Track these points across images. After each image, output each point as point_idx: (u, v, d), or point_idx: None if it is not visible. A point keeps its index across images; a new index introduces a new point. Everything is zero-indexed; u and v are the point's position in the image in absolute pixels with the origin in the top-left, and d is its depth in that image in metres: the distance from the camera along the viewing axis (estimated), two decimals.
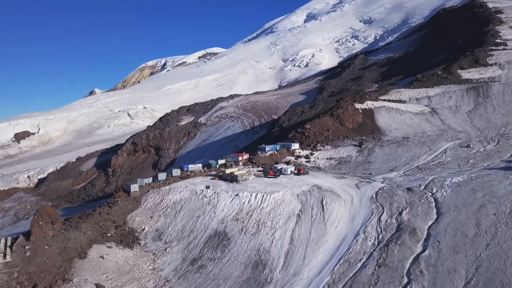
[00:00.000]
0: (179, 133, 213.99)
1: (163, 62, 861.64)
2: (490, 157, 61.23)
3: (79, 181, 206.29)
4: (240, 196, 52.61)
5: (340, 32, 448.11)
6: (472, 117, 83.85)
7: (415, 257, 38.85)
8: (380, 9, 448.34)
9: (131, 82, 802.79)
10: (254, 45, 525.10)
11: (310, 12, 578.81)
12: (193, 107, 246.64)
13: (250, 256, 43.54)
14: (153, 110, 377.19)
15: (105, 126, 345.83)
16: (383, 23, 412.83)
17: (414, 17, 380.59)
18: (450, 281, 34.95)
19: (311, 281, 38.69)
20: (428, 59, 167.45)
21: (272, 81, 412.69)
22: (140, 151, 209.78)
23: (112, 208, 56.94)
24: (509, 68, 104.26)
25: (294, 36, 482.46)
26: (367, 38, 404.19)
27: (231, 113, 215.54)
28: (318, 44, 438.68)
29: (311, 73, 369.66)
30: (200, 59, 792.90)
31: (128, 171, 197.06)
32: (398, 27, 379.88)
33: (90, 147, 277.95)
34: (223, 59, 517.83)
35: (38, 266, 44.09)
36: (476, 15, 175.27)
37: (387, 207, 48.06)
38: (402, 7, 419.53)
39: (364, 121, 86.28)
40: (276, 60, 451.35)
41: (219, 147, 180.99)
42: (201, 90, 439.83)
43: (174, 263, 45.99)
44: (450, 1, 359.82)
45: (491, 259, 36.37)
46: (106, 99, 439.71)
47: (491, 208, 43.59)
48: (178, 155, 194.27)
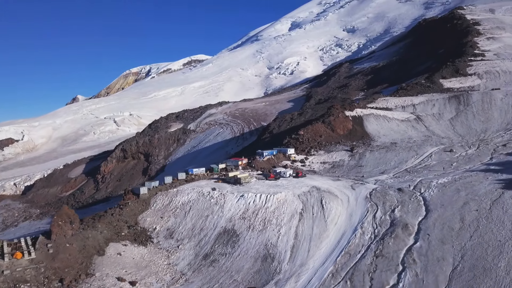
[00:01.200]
0: (169, 139, 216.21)
1: (148, 69, 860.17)
2: (471, 160, 66.95)
3: (68, 188, 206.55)
4: (246, 196, 56.93)
5: (324, 41, 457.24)
6: (454, 124, 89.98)
7: (408, 248, 43.77)
8: (363, 18, 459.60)
9: (115, 89, 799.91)
10: (240, 52, 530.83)
11: (295, 21, 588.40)
12: (182, 114, 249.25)
13: (259, 250, 47.85)
14: (139, 117, 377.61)
15: (91, 133, 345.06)
16: (366, 32, 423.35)
17: (396, 27, 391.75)
18: (439, 268, 39.89)
19: (317, 270, 43.22)
20: (411, 68, 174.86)
21: (258, 88, 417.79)
22: (130, 157, 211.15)
23: (124, 209, 60.51)
24: (487, 78, 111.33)
25: (279, 44, 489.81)
26: (351, 46, 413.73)
27: (220, 120, 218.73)
28: (303, 52, 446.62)
29: (296, 81, 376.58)
30: (185, 66, 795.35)
31: (118, 178, 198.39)
32: (381, 36, 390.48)
33: (76, 154, 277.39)
34: (209, 66, 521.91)
35: (62, 262, 47.49)
36: (456, 27, 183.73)
37: (380, 205, 53.04)
38: (384, 16, 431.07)
39: (354, 127, 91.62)
40: (262, 67, 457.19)
41: (210, 153, 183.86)
42: (187, 97, 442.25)
43: (187, 258, 49.93)
44: (430, 12, 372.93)
45: (474, 248, 41.51)
46: (91, 106, 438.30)
47: (473, 205, 48.93)
48: (168, 162, 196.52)
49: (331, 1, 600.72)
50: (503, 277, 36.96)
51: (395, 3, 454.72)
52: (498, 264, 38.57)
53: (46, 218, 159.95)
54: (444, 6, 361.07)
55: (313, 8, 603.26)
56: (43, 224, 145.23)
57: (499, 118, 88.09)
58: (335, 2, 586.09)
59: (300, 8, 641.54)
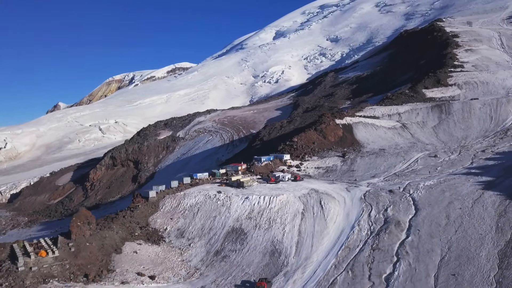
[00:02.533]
0: (158, 147, 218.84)
1: (131, 76, 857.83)
2: (454, 165, 73.17)
3: (56, 196, 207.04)
4: (250, 198, 61.70)
5: (308, 50, 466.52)
6: (437, 131, 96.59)
7: (401, 242, 49.18)
8: (346, 28, 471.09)
9: (98, 96, 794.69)
10: (225, 61, 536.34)
11: (279, 30, 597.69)
12: (170, 122, 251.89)
13: (267, 246, 52.62)
14: (125, 125, 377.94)
15: (76, 140, 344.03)
16: (349, 42, 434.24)
17: (378, 37, 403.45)
18: (429, 258, 45.35)
19: (320, 263, 48.20)
20: (394, 78, 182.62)
21: (243, 96, 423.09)
22: (119, 165, 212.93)
23: (134, 212, 64.50)
24: (466, 88, 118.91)
25: (264, 53, 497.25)
26: (334, 55, 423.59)
27: (209, 127, 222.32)
28: (287, 61, 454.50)
29: (281, 89, 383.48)
30: (169, 74, 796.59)
31: (107, 185, 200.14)
32: (363, 46, 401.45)
33: (62, 162, 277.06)
34: (194, 74, 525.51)
35: (84, 259, 51.37)
36: (436, 38, 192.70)
37: (374, 205, 58.49)
38: (366, 27, 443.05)
39: (345, 135, 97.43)
40: (247, 76, 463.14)
41: (200, 160, 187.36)
42: (173, 104, 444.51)
43: (199, 255, 54.31)
44: (411, 23, 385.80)
45: (459, 241, 47.15)
46: (76, 113, 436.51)
47: (457, 204, 54.79)
48: (157, 169, 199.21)
49: (314, 11, 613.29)
50: (484, 264, 42.61)
51: (377, 13, 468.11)
52: (480, 254, 44.24)
53: (35, 225, 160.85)
54: (424, 18, 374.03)
55: (297, 18, 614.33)
56: (33, 232, 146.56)
57: (478, 126, 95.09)
58: (318, 12, 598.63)
59: (284, 17, 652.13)
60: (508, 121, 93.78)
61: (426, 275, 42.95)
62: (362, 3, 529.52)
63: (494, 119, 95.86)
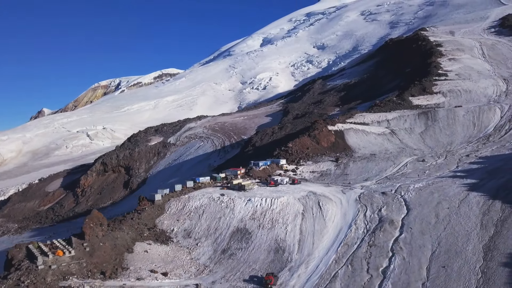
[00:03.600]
0: (149, 153, 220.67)
1: (117, 82, 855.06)
2: (441, 168, 78.23)
3: (46, 202, 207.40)
4: (253, 200, 65.57)
5: (295, 57, 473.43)
6: (424, 137, 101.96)
7: (395, 239, 53.61)
8: (332, 36, 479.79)
9: (83, 102, 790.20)
10: (213, 67, 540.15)
11: (266, 37, 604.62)
12: (160, 128, 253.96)
13: (271, 244, 56.52)
14: (113, 131, 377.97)
15: (63, 147, 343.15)
16: (336, 49, 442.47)
17: (364, 45, 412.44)
18: (421, 253, 49.85)
19: (322, 258, 52.30)
20: (381, 85, 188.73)
21: (231, 102, 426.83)
22: (110, 171, 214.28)
23: (142, 214, 67.75)
24: (450, 96, 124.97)
25: (251, 60, 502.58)
26: (321, 63, 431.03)
27: (200, 133, 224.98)
28: (275, 67, 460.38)
29: (269, 96, 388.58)
30: (156, 80, 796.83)
31: (99, 191, 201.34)
32: (349, 53, 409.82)
33: (50, 168, 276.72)
34: (182, 81, 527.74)
35: (99, 258, 54.52)
36: (420, 47, 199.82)
37: (369, 206, 62.93)
38: (352, 34, 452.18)
39: (337, 140, 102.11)
40: (235, 82, 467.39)
41: (192, 165, 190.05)
42: (161, 110, 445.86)
43: (207, 253, 57.87)
44: (395, 31, 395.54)
45: (448, 237, 51.78)
46: (63, 120, 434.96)
47: (445, 204, 59.57)
48: (149, 175, 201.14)
49: (301, 18, 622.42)
50: (470, 257, 47.27)
51: (363, 22, 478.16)
52: (467, 248, 48.91)
53: (25, 232, 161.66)
54: (408, 26, 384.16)
55: (284, 25, 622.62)
56: (25, 238, 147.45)
57: (462, 132, 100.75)
58: (305, 19, 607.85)
59: (271, 25, 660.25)
60: (489, 128, 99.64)
61: (419, 267, 47.36)
62: (348, 11, 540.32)
63: (477, 125, 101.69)
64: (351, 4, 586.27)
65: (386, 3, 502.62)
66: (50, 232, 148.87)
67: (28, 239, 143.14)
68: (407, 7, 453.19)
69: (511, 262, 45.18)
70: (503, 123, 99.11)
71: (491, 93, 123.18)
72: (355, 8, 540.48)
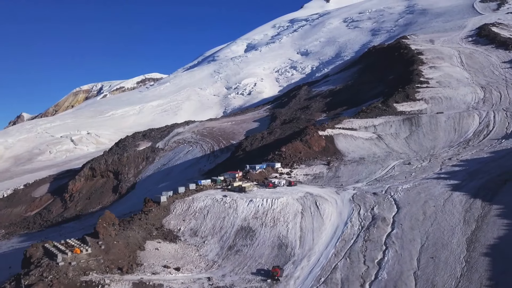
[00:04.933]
0: (138, 158, 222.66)
1: (99, 86, 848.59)
2: (425, 171, 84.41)
3: (33, 207, 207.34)
4: (254, 201, 70.29)
5: (279, 63, 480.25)
6: (408, 142, 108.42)
7: (387, 234, 59.10)
8: (316, 42, 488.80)
9: (64, 107, 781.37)
10: (197, 72, 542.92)
11: (250, 43, 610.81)
12: (148, 133, 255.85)
13: (274, 241, 61.32)
14: (97, 136, 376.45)
15: (47, 152, 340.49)
16: (319, 56, 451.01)
17: (346, 51, 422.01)
18: (412, 246, 55.44)
19: (322, 253, 57.38)
20: (365, 92, 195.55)
21: (217, 107, 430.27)
22: (99, 176, 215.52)
23: (149, 215, 71.68)
24: (432, 103, 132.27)
25: (236, 65, 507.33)
26: (305, 69, 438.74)
27: (188, 138, 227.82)
28: (259, 73, 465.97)
29: (254, 101, 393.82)
30: (139, 84, 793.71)
31: (87, 196, 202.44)
32: (333, 60, 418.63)
33: (34, 174, 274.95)
34: (166, 85, 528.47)
35: (114, 255, 58.38)
36: (402, 55, 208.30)
37: (362, 205, 68.40)
38: (335, 41, 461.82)
39: (327, 145, 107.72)
40: (220, 87, 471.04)
41: (182, 170, 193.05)
42: (146, 115, 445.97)
43: (214, 250, 62.28)
44: (377, 38, 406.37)
45: (435, 231, 57.51)
46: (46, 124, 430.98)
47: (431, 203, 65.47)
48: (138, 179, 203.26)
49: (284, 24, 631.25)
50: (455, 248, 53.07)
51: (345, 29, 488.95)
52: (452, 241, 54.68)
53: (14, 237, 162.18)
54: (389, 34, 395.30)
55: (268, 31, 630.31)
56: (14, 243, 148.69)
57: (444, 137, 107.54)
58: (288, 25, 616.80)
59: (255, 30, 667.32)
60: (469, 133, 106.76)
61: (410, 258, 52.87)
62: (330, 18, 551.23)
63: (458, 131, 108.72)
64: (334, 11, 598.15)
65: (368, 10, 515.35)
66: (40, 237, 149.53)
67: (19, 244, 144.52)
68: (388, 15, 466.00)
69: (491, 252, 51.10)
70: (481, 129, 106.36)
71: (470, 100, 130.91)
72: (338, 15, 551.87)
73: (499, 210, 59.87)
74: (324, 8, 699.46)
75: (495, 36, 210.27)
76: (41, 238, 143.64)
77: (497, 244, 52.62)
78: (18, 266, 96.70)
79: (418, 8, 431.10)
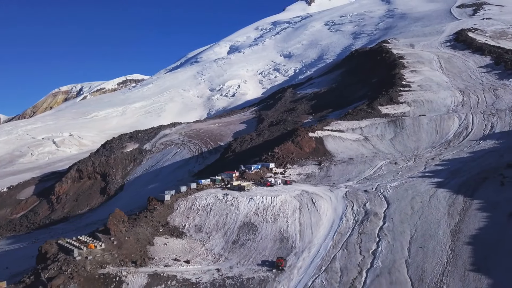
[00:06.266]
0: (125, 159, 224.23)
1: (79, 87, 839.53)
2: (411, 170, 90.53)
3: (19, 210, 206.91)
4: (254, 199, 74.98)
5: (262, 65, 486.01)
6: (394, 143, 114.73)
7: (380, 227, 64.62)
8: (298, 45, 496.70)
9: (43, 108, 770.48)
10: (180, 74, 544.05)
11: (233, 44, 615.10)
12: (135, 135, 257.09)
13: (275, 235, 66.13)
14: (80, 138, 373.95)
15: (28, 154, 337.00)
16: (301, 58, 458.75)
17: (329, 54, 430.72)
18: (402, 237, 61.05)
19: (321, 245, 62.48)
20: (349, 94, 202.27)
21: (200, 109, 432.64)
22: (86, 177, 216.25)
23: (154, 213, 75.48)
24: (414, 106, 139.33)
25: (219, 67, 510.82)
26: (288, 71, 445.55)
27: (176, 140, 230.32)
28: (243, 75, 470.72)
29: (238, 103, 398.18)
30: (120, 86, 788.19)
31: (75, 198, 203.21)
32: (315, 62, 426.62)
33: (15, 176, 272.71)
34: (149, 87, 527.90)
35: (127, 250, 62.23)
36: (384, 59, 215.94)
37: (355, 202, 73.87)
38: (317, 44, 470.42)
39: (317, 146, 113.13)
40: (204, 89, 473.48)
41: (171, 171, 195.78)
42: (129, 117, 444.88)
43: (220, 244, 66.67)
44: (358, 41, 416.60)
45: (422, 224, 63.31)
46: (27, 126, 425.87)
47: (418, 199, 71.40)
48: (126, 181, 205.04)
49: (267, 27, 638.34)
50: (441, 239, 58.97)
51: (327, 32, 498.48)
52: (438, 232, 60.54)
53: (0, 240, 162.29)
54: (370, 37, 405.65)
55: (250, 33, 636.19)
56: (2, 246, 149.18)
57: (426, 138, 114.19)
58: (271, 28, 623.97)
59: (238, 32, 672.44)
60: (450, 134, 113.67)
61: (401, 248, 58.45)
62: (312, 21, 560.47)
63: (439, 132, 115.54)
64: (316, 14, 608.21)
65: (349, 14, 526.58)
66: (29, 239, 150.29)
67: (8, 246, 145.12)
68: (369, 18, 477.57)
69: (472, 242, 57.19)
70: (461, 131, 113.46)
71: (450, 103, 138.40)
72: (320, 18, 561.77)
73: (479, 205, 66.11)
74: (306, 11, 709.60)
75: (472, 41, 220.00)
76: (31, 239, 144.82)
77: (478, 234, 58.71)
78: (15, 267, 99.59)
79: (398, 13, 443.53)
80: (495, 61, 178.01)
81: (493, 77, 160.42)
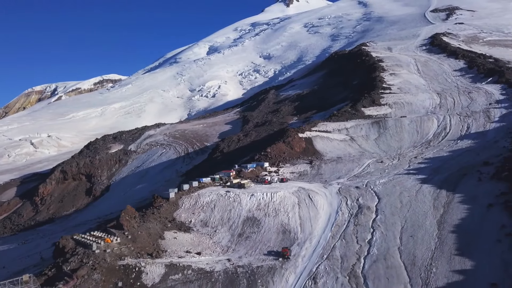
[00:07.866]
0: (110, 160, 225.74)
1: (53, 87, 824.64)
2: (396, 168, 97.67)
3: (1, 212, 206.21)
4: (255, 195, 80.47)
5: (242, 66, 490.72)
6: (378, 143, 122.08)
7: (373, 219, 71.18)
8: (277, 46, 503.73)
9: (15, 108, 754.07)
10: (160, 74, 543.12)
11: (212, 45, 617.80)
12: (119, 135, 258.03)
13: (278, 228, 71.81)
14: (58, 139, 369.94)
15: (5, 155, 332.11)
16: (281, 60, 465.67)
17: (308, 56, 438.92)
18: (394, 228, 67.72)
19: (321, 236, 68.51)
20: (331, 96, 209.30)
21: (181, 110, 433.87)
22: (70, 178, 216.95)
23: (160, 209, 79.94)
24: (395, 108, 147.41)
25: (199, 68, 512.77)
26: (268, 72, 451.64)
27: (161, 140, 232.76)
28: (223, 76, 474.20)
29: (219, 103, 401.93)
30: (96, 86, 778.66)
31: (60, 199, 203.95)
32: (295, 64, 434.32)
33: None
34: (128, 87, 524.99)
35: (141, 244, 66.77)
36: (364, 62, 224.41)
37: (348, 197, 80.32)
38: (296, 46, 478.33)
39: (307, 146, 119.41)
40: (183, 89, 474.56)
41: (158, 172, 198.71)
42: (108, 118, 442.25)
43: (226, 237, 71.82)
44: (336, 44, 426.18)
45: (411, 216, 70.16)
46: (2, 127, 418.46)
47: (406, 194, 78.38)
48: (112, 182, 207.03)
49: (246, 28, 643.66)
50: (429, 228, 65.95)
51: (306, 34, 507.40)
52: (426, 223, 67.47)
53: None
54: (348, 40, 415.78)
55: (230, 34, 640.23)
56: None
57: (408, 138, 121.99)
58: (250, 29, 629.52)
59: (217, 33, 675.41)
60: (430, 134, 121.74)
61: (394, 238, 65.06)
62: (291, 23, 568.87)
63: (420, 133, 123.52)
64: (294, 16, 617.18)
65: (327, 16, 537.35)
66: (16, 240, 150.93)
67: None
68: (347, 21, 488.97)
69: (456, 230, 64.28)
70: (440, 131, 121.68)
71: (428, 105, 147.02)
72: (298, 20, 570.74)
73: (460, 198, 73.48)
74: (285, 12, 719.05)
75: (446, 45, 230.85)
76: (19, 241, 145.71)
77: (460, 223, 65.86)
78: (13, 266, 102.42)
79: (375, 16, 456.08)
80: (469, 65, 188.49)
81: (467, 81, 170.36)
